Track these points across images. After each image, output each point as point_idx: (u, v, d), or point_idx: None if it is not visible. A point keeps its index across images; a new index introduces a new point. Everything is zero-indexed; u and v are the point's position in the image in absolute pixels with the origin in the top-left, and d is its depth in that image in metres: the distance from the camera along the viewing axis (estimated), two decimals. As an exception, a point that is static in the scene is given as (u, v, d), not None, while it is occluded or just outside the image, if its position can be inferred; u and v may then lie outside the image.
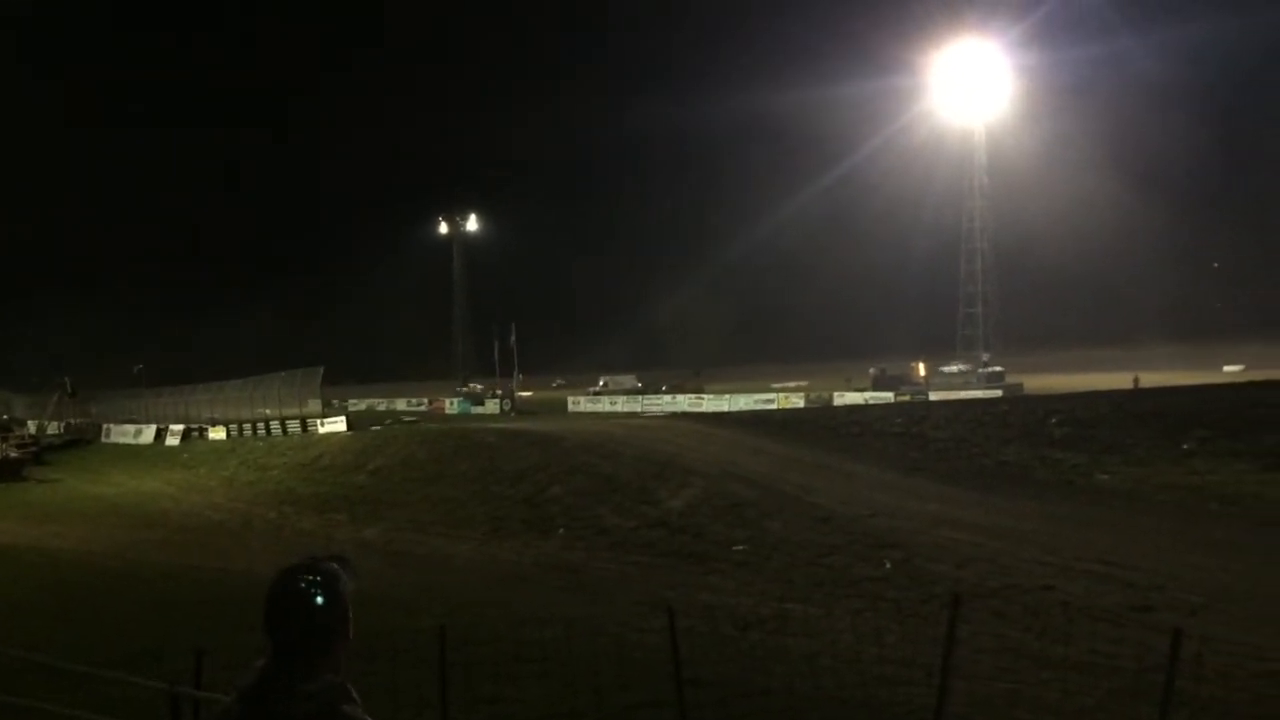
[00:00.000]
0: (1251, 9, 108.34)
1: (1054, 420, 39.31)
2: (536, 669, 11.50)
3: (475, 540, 25.55)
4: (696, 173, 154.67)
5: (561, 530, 25.15)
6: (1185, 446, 34.01)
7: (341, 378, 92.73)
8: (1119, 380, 59.37)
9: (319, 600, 2.50)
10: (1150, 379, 58.84)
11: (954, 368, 75.16)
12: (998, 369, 73.44)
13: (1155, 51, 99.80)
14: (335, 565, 2.59)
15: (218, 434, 54.27)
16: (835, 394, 66.12)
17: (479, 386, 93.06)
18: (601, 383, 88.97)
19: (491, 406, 78.19)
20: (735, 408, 63.48)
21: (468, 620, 13.65)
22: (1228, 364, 76.32)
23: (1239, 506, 26.43)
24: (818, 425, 43.32)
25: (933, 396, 61.77)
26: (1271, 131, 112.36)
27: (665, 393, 76.19)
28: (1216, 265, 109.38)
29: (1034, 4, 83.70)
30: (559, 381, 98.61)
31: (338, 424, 50.95)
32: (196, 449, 51.52)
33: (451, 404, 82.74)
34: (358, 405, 79.73)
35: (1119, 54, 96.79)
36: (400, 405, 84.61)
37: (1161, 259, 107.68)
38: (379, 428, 50.15)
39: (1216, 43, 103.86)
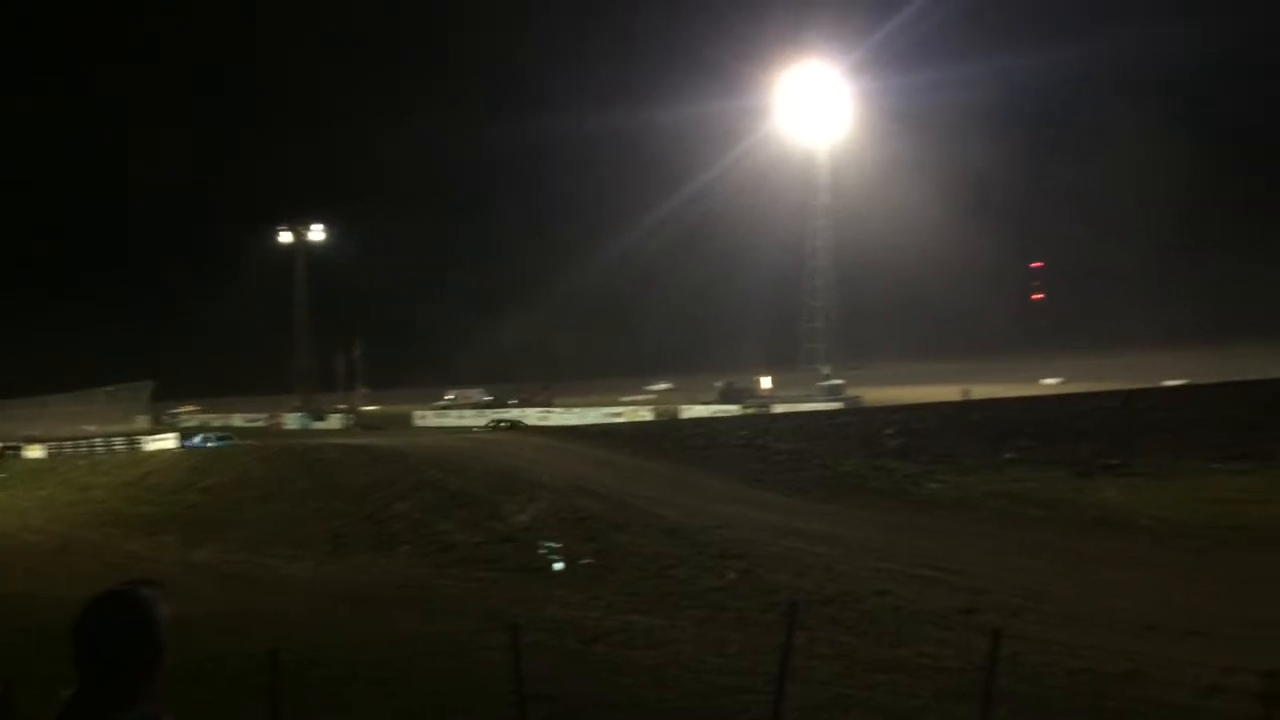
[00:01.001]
0: (1062, 42, 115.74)
1: (889, 432, 40.80)
2: (376, 691, 11.23)
3: (314, 560, 24.78)
4: (548, 189, 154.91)
5: (405, 547, 24.66)
6: (1008, 455, 35.81)
7: (175, 392, 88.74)
8: (950, 393, 62.12)
9: (130, 627, 2.39)
10: (978, 391, 61.75)
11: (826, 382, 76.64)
12: (839, 381, 75.80)
13: (980, 78, 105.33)
14: (147, 590, 2.47)
15: (36, 453, 51.15)
16: (683, 407, 66.97)
17: (329, 401, 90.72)
18: (449, 396, 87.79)
19: (334, 421, 76.16)
20: (584, 421, 63.60)
21: (304, 643, 13.21)
22: (1046, 377, 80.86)
23: (1056, 511, 27.94)
24: (665, 438, 43.77)
25: (776, 409, 63.23)
26: (1083, 155, 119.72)
27: (514, 406, 75.72)
28: (1037, 283, 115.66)
29: (869, 31, 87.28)
30: (452, 395, 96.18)
31: (167, 440, 48.73)
32: (12, 469, 48.39)
33: (292, 419, 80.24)
34: (190, 421, 76.45)
35: (946, 81, 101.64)
36: (237, 421, 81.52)
37: (987, 276, 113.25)
38: (216, 444, 48.18)
39: (1036, 71, 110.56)
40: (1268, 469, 32.31)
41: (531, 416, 69.24)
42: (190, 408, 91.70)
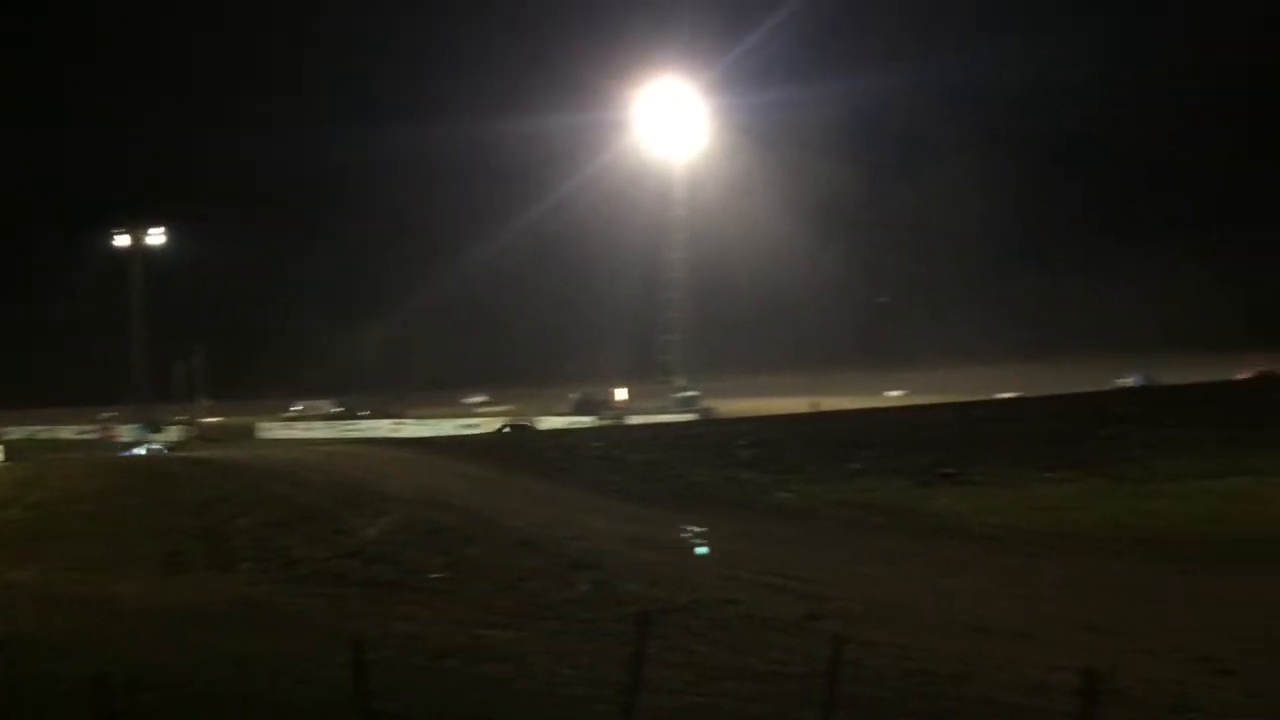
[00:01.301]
0: (903, 64, 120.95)
1: (741, 443, 41.56)
2: (212, 713, 10.78)
3: (148, 578, 23.61)
4: (403, 197, 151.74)
5: (246, 564, 23.74)
6: (854, 465, 36.96)
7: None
8: (800, 405, 63.74)
9: None
10: (827, 403, 63.54)
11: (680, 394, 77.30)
12: (693, 393, 76.82)
13: (827, 98, 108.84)
14: None
15: None
16: (538, 418, 66.76)
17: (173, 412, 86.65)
18: (297, 408, 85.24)
19: (173, 434, 72.98)
20: (438, 433, 62.69)
21: (135, 664, 12.59)
22: (890, 390, 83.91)
23: (898, 519, 29.02)
24: (520, 449, 43.55)
25: (632, 420, 63.68)
26: (922, 174, 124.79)
27: (366, 418, 74.06)
28: (884, 299, 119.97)
29: (725, 49, 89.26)
30: (300, 406, 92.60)
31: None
32: None
33: (127, 431, 76.47)
34: (14, 434, 71.97)
35: (796, 100, 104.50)
36: (67, 434, 77.17)
37: (834, 291, 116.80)
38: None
39: (880, 91, 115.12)
40: (1089, 478, 34.31)
41: (383, 428, 67.88)
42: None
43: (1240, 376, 68.42)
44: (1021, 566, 22.03)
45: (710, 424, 55.06)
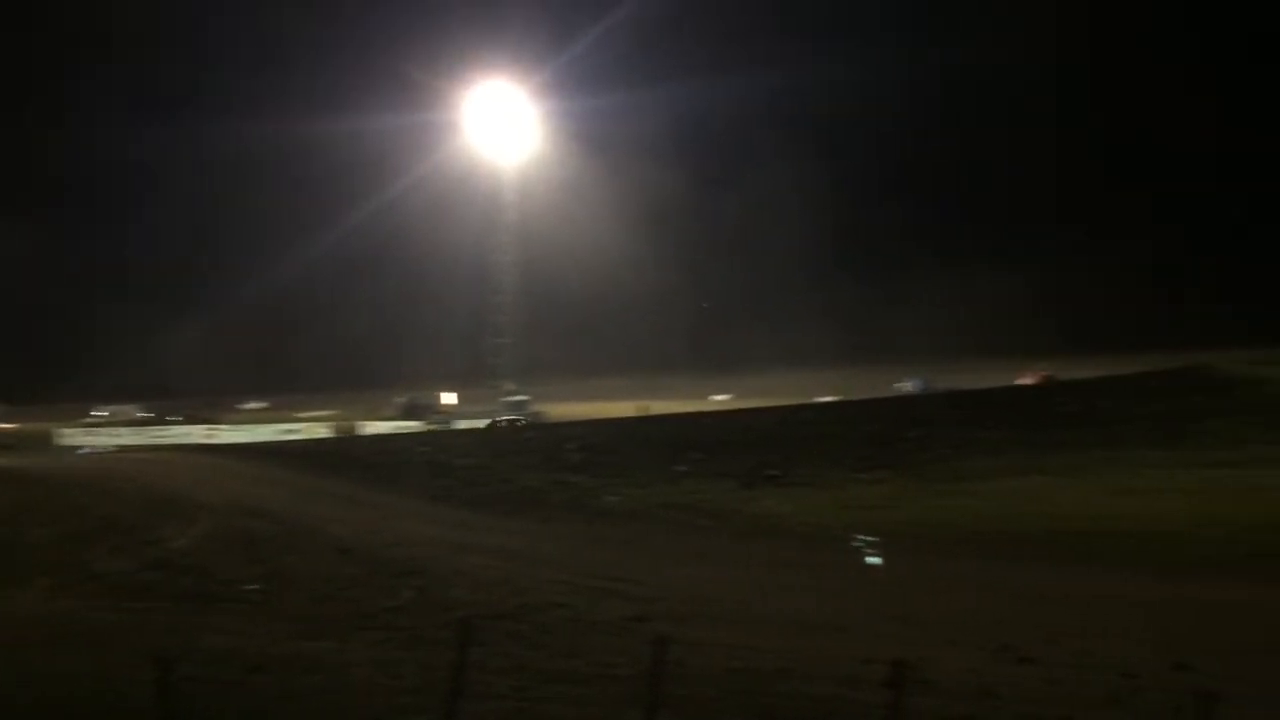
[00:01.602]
0: (731, 75, 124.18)
1: (570, 447, 41.64)
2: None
3: (-70, 597, 21.81)
4: (222, 196, 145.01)
5: (43, 579, 22.20)
6: (681, 468, 37.57)
7: None
8: (628, 409, 64.32)
9: None
10: (655, 407, 64.37)
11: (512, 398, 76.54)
12: (522, 397, 76.45)
13: (656, 106, 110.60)
14: None
15: None
16: (362, 423, 65.15)
17: None
18: (103, 413, 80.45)
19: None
20: (256, 439, 60.31)
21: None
22: (716, 394, 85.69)
23: (723, 521, 29.62)
24: (343, 455, 42.39)
25: (459, 425, 62.90)
26: (749, 184, 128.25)
27: (177, 423, 70.57)
28: (708, 305, 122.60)
29: (554, 53, 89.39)
30: (105, 411, 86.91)
31: None
32: None
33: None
34: None
35: (625, 107, 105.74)
36: None
37: (666, 297, 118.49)
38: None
39: (707, 102, 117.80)
40: (900, 478, 35.92)
41: (196, 434, 64.84)
42: None
43: (1021, 381, 73.22)
44: (838, 564, 22.82)
45: (539, 427, 54.90)
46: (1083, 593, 19.44)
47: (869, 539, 24.47)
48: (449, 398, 77.11)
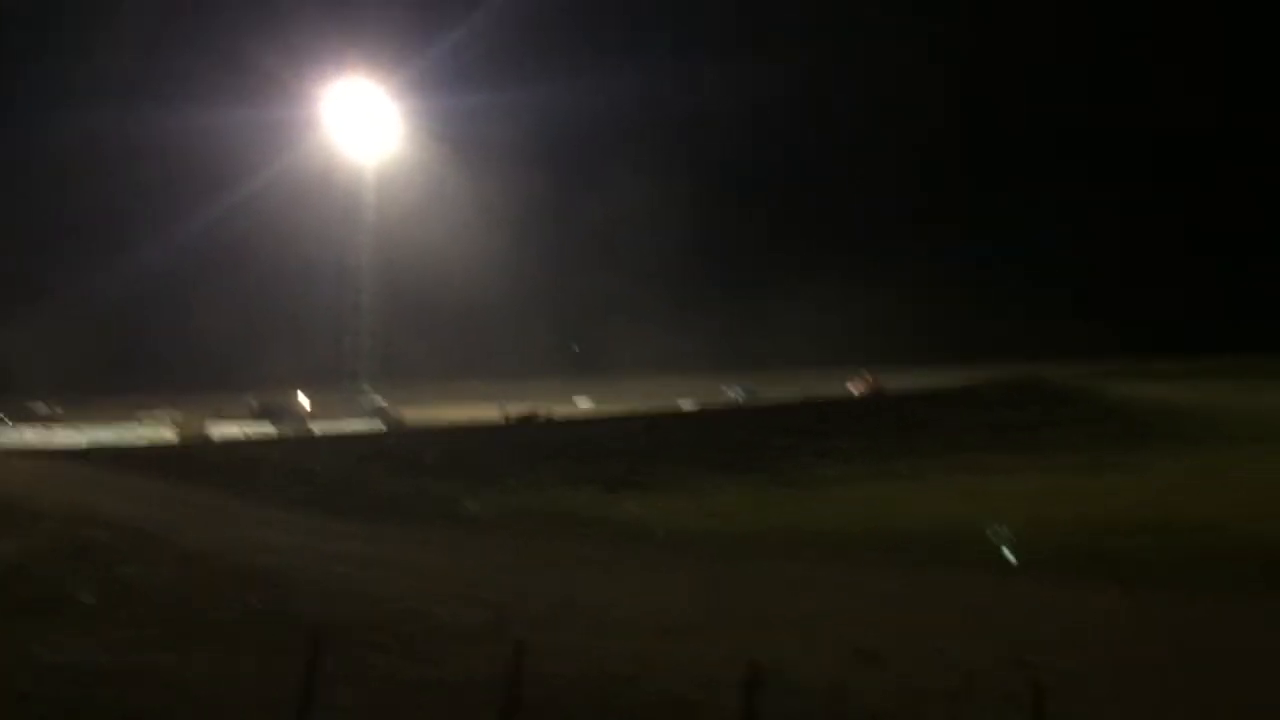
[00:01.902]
0: (597, 78, 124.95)
1: (431, 452, 41.03)
2: None
3: None
4: (67, 188, 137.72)
5: None
6: (545, 474, 37.44)
7: None
8: (491, 413, 63.78)
9: None
10: (518, 412, 63.93)
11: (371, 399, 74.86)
12: (381, 402, 75.00)
13: (522, 108, 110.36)
14: None
15: None
16: (212, 425, 62.84)
17: None
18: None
19: None
20: (97, 441, 57.40)
21: None
22: (580, 399, 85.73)
23: (586, 526, 29.62)
24: (190, 458, 40.78)
25: (316, 429, 61.24)
26: (615, 190, 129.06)
27: (5, 425, 66.62)
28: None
29: (416, 51, 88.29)
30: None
31: None
32: None
33: None
34: None
35: (490, 107, 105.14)
36: None
37: (529, 301, 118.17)
38: None
39: (572, 105, 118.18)
40: (761, 483, 36.64)
41: (29, 437, 61.30)
42: None
43: (851, 388, 75.89)
44: (699, 568, 23.08)
45: (399, 433, 53.89)
46: (931, 593, 20.14)
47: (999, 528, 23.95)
48: (306, 401, 74.99)
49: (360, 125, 77.95)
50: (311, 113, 79.17)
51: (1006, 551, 24.12)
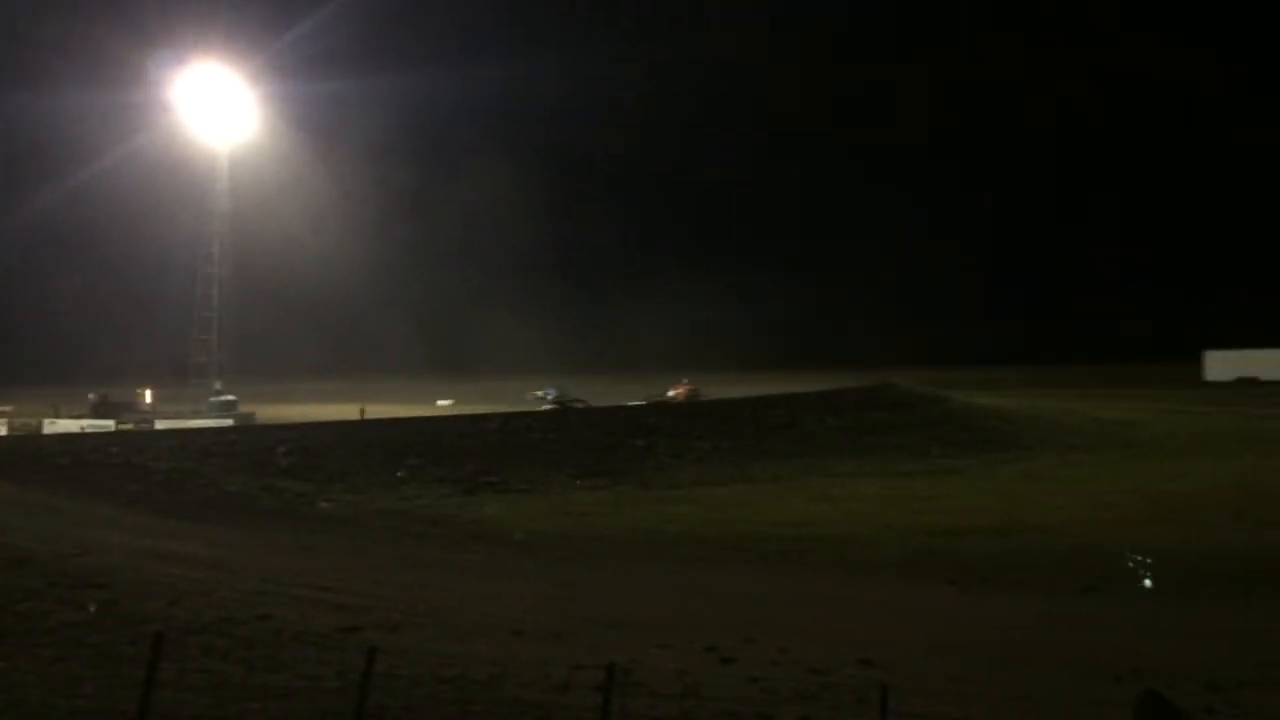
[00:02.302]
0: (451, 70, 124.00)
1: (282, 450, 39.82)
2: None
3: None
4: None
5: None
6: (399, 474, 36.80)
7: None
8: (348, 411, 62.28)
9: None
10: (375, 411, 62.67)
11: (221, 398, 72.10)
12: (230, 398, 72.40)
13: (380, 97, 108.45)
14: None
15: None
16: (46, 421, 59.56)
17: None
18: None
19: None
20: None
21: None
22: (440, 399, 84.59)
23: (442, 527, 29.26)
24: (21, 456, 38.56)
25: (160, 425, 58.72)
26: (468, 183, 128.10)
27: None
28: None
29: (272, 38, 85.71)
30: None
31: None
32: None
33: None
34: None
35: (347, 95, 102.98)
36: None
37: (385, 297, 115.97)
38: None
39: (429, 95, 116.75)
40: (617, 485, 36.86)
41: None
42: None
43: (671, 393, 77.45)
44: (555, 570, 23.08)
45: (247, 430, 52.06)
46: (782, 594, 20.67)
47: (1141, 557, 23.42)
48: (148, 396, 71.78)
49: (214, 110, 75.04)
50: (162, 97, 75.80)
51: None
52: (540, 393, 79.43)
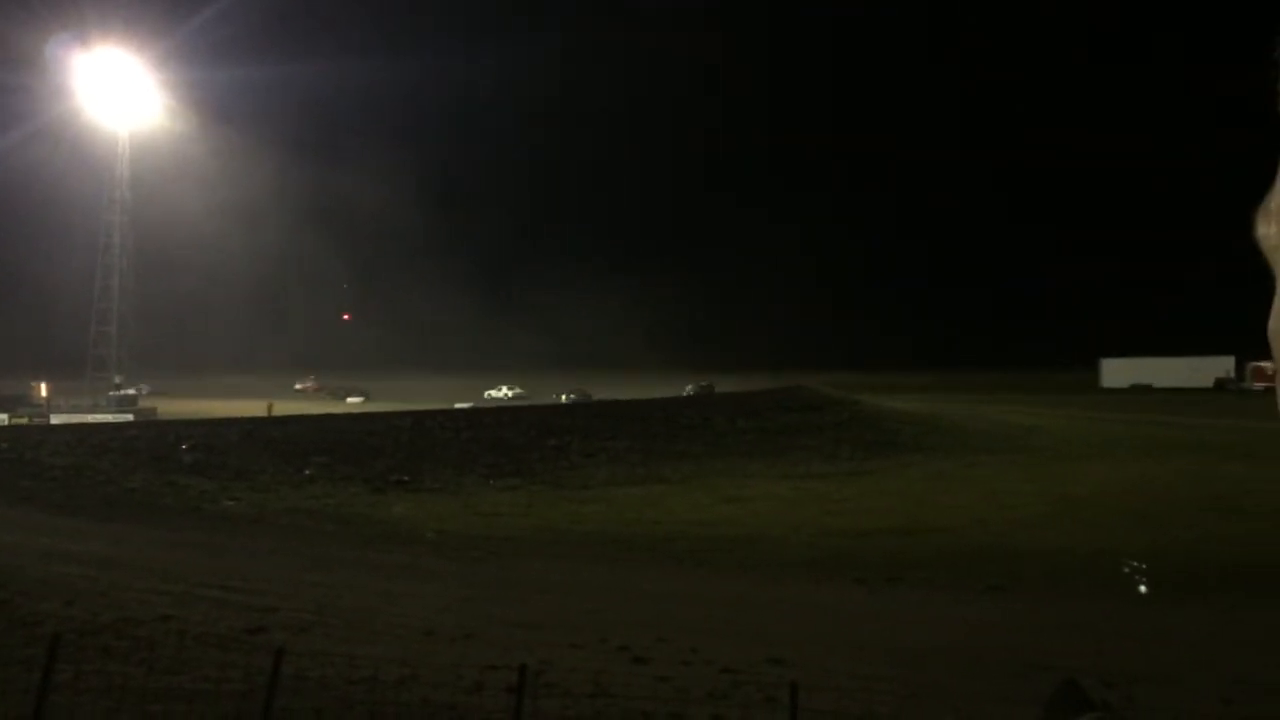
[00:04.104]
0: (353, 59, 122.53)
1: (185, 446, 38.83)
2: None
3: None
4: None
5: None
6: (307, 472, 36.13)
7: None
8: (255, 408, 60.93)
9: None
10: (282, 408, 61.47)
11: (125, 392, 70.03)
12: (131, 392, 70.35)
13: (282, 84, 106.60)
14: None
15: None
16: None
17: None
18: None
19: None
20: None
21: None
22: (351, 396, 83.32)
23: (351, 526, 28.81)
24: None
25: (56, 419, 56.75)
26: (383, 175, 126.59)
27: None
28: (346, 318, 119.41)
29: (176, 23, 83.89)
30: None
31: None
32: None
33: None
34: None
35: (250, 82, 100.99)
36: None
37: (295, 289, 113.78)
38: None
39: (336, 83, 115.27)
40: (530, 485, 36.71)
41: None
42: None
43: (298, 388, 78.07)
44: (467, 570, 22.91)
45: (148, 425, 50.59)
46: (692, 594, 20.82)
47: (1136, 563, 23.63)
48: (42, 388, 69.29)
49: (115, 96, 72.72)
50: (62, 81, 73.20)
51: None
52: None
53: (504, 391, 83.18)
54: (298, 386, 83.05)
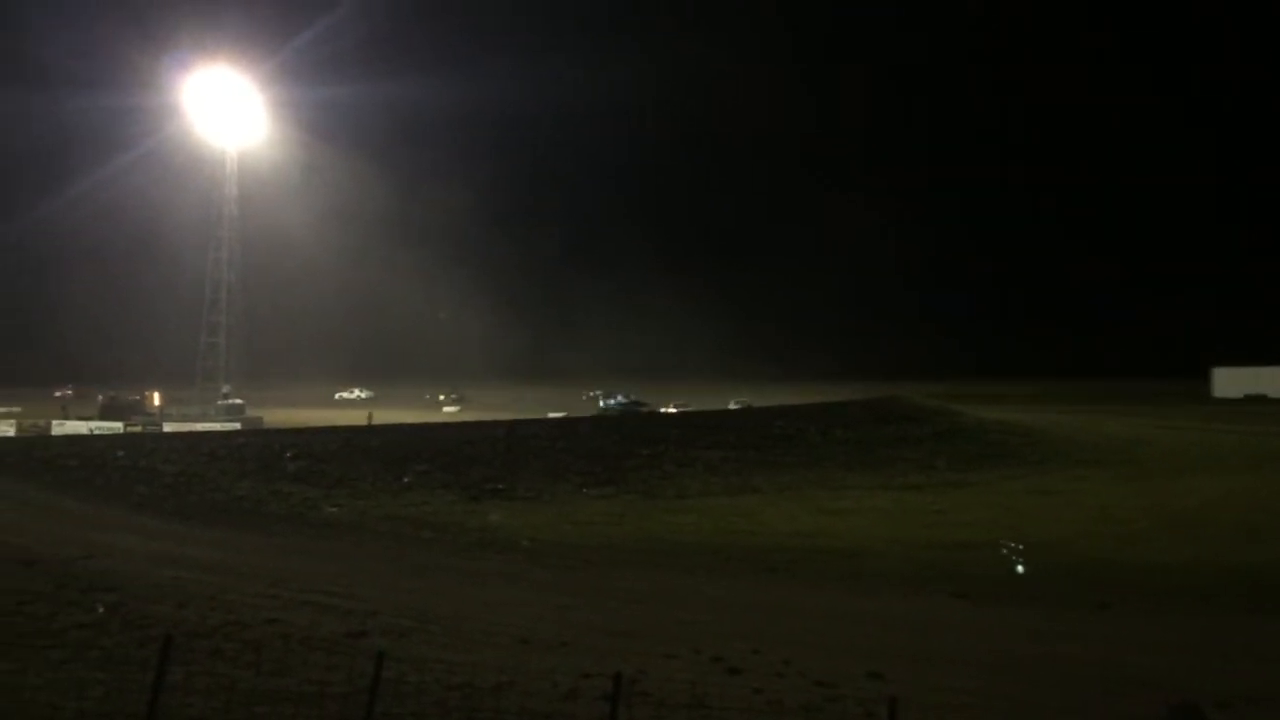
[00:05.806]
0: (449, 76, 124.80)
1: (289, 455, 39.89)
2: None
3: None
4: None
5: None
6: (405, 479, 36.80)
7: None
8: (355, 416, 62.42)
9: None
10: (382, 416, 62.82)
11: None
12: (238, 401, 72.56)
13: (382, 102, 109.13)
14: None
15: None
16: (54, 422, 59.70)
17: None
18: None
19: None
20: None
21: None
22: (448, 404, 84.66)
23: (447, 533, 29.23)
24: (29, 457, 38.66)
25: (167, 428, 58.89)
26: (461, 186, 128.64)
27: None
28: (443, 315, 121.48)
29: (281, 42, 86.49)
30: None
31: None
32: None
33: None
34: None
35: (353, 101, 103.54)
36: None
37: (395, 300, 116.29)
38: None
39: (438, 99, 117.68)
40: (624, 494, 36.79)
41: None
42: None
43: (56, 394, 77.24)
44: (563, 578, 23.05)
45: (255, 434, 52.17)
46: (788, 605, 20.61)
47: (1013, 544, 23.35)
48: (156, 398, 71.99)
49: (223, 114, 75.35)
50: (172, 101, 76.20)
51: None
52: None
53: (355, 394, 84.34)
54: (57, 394, 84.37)
